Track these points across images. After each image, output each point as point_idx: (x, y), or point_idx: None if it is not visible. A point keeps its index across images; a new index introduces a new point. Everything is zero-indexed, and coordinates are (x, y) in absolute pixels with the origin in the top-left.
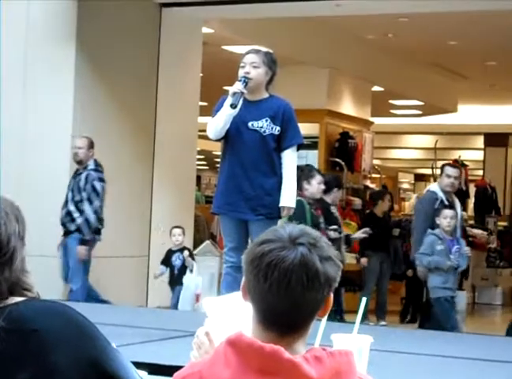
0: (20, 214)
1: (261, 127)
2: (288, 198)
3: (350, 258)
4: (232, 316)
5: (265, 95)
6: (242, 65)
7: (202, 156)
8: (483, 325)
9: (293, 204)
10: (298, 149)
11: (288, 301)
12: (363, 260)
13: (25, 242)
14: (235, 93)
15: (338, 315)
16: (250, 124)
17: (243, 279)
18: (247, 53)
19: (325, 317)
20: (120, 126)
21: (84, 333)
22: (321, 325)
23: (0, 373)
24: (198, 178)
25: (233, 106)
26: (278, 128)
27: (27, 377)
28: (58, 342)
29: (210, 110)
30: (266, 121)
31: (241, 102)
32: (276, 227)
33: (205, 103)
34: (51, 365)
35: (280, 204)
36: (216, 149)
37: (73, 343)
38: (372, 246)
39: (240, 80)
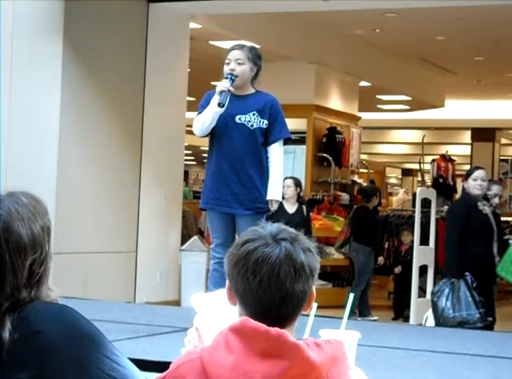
0: (49, 220)
1: (249, 121)
2: (274, 192)
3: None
4: (221, 312)
5: (252, 90)
6: (227, 61)
7: (190, 152)
8: None
9: (280, 198)
10: (284, 143)
11: (279, 294)
12: (381, 259)
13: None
14: (222, 91)
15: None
16: (237, 118)
17: (227, 282)
18: (232, 49)
19: (313, 311)
20: (107, 121)
21: (88, 340)
22: (309, 320)
23: (1, 370)
24: (186, 174)
25: (220, 105)
26: (266, 122)
27: (27, 377)
28: (61, 345)
29: (197, 106)
30: (254, 114)
31: (228, 100)
32: (253, 227)
33: (192, 98)
34: (51, 367)
35: (268, 198)
36: (204, 144)
37: (75, 349)
38: (366, 241)
39: (227, 78)
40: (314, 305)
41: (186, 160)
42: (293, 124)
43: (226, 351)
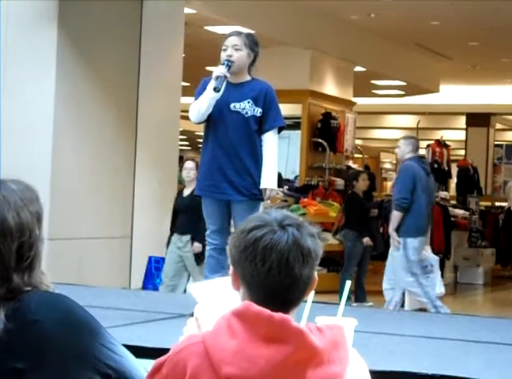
0: (40, 207)
1: (243, 108)
2: (269, 180)
3: (331, 238)
4: (221, 301)
5: (248, 77)
6: (224, 47)
7: (185, 137)
8: (465, 305)
9: (275, 186)
10: (279, 132)
11: (289, 279)
12: (366, 240)
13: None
14: (218, 77)
15: None
16: (232, 105)
17: (231, 268)
18: (229, 35)
19: (311, 299)
20: (102, 108)
21: (85, 328)
22: (306, 307)
23: None
24: (181, 159)
25: (216, 89)
26: (260, 110)
27: (23, 366)
28: (57, 334)
29: (192, 91)
30: (248, 102)
31: (224, 85)
32: (258, 213)
33: (187, 84)
34: (49, 356)
35: (261, 186)
36: (199, 130)
37: (71, 337)
38: (354, 227)
39: (223, 64)
40: (311, 292)
41: (180, 146)
42: (288, 109)
43: (229, 335)
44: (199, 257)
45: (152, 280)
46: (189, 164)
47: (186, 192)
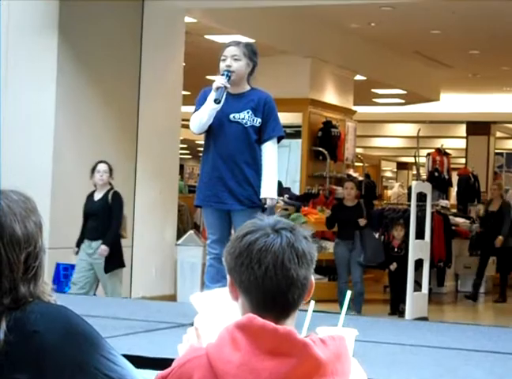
0: (40, 217)
1: (243, 119)
2: (269, 189)
3: (331, 246)
4: (221, 312)
5: (247, 87)
6: (223, 58)
7: (185, 145)
8: (466, 314)
9: (275, 195)
10: (278, 141)
11: (285, 281)
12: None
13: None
14: (218, 88)
15: None
16: (231, 116)
17: (228, 277)
18: (228, 45)
19: (311, 308)
20: (103, 116)
21: (85, 339)
22: (307, 316)
23: None
24: (181, 168)
25: (217, 101)
26: (259, 120)
27: (24, 378)
28: (57, 345)
29: (193, 100)
30: (248, 112)
31: (224, 96)
32: (250, 220)
33: (187, 92)
34: (49, 367)
35: (262, 196)
36: (199, 139)
37: (72, 348)
38: (339, 235)
39: (223, 75)
40: (312, 302)
41: (181, 154)
42: (288, 118)
43: (233, 348)
44: (108, 264)
45: (60, 288)
46: (102, 167)
47: (98, 195)
